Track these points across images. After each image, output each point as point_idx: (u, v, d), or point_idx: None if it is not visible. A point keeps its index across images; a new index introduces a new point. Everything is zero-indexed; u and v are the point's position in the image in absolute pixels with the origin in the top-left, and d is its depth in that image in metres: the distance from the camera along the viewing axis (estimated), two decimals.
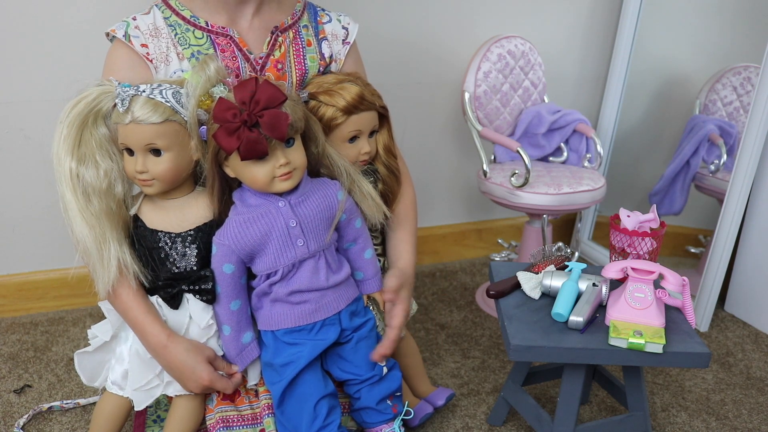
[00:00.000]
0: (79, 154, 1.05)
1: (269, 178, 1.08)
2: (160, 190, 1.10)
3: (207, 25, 1.21)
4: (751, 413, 1.49)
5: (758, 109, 1.68)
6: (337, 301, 1.17)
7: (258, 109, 1.02)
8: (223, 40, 1.22)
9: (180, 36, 1.19)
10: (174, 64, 1.18)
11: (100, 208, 1.06)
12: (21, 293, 1.83)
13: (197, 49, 1.20)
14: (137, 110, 1.04)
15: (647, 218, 1.25)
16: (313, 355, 1.15)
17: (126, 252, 1.09)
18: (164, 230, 1.12)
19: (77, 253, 1.11)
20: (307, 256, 1.13)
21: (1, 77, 1.65)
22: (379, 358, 1.21)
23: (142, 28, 1.18)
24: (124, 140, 1.07)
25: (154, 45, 1.17)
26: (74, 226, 1.06)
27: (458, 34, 2.00)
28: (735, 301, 1.90)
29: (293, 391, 1.14)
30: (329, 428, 1.14)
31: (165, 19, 1.19)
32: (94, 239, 1.05)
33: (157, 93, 1.06)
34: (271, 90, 1.02)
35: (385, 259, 1.37)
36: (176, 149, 1.08)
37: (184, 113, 1.08)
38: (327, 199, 1.16)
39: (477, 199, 2.23)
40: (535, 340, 1.12)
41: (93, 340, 1.16)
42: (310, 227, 1.13)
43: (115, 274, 1.08)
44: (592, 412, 1.47)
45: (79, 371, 1.16)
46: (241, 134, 1.01)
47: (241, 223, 1.10)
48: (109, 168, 1.08)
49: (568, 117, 1.93)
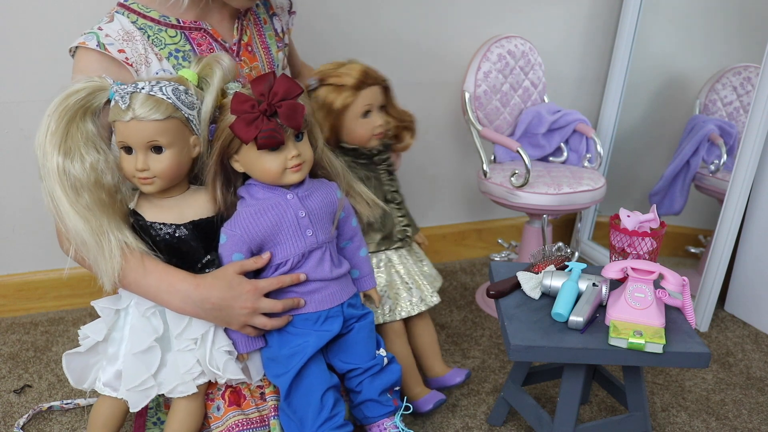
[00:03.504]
0: (65, 148, 1.02)
1: (281, 169, 1.11)
2: (159, 188, 1.10)
3: (179, 22, 1.21)
4: (751, 413, 1.49)
5: (758, 109, 1.68)
6: (340, 292, 1.20)
7: (277, 100, 1.06)
8: (198, 34, 1.23)
9: (153, 37, 1.19)
10: (154, 65, 1.18)
11: (91, 200, 1.04)
12: (21, 293, 1.83)
13: (173, 47, 1.20)
14: (138, 107, 1.03)
15: (647, 218, 1.25)
16: (318, 345, 1.16)
17: (128, 235, 1.07)
18: (164, 222, 1.11)
19: (70, 248, 1.09)
20: (316, 246, 1.16)
21: (1, 77, 1.66)
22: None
23: (112, 35, 1.16)
24: (124, 138, 1.06)
25: (130, 49, 1.16)
26: (67, 221, 1.03)
27: (458, 34, 2.00)
28: (735, 301, 1.90)
29: (300, 383, 1.15)
30: (335, 419, 1.15)
31: (132, 23, 1.18)
32: (91, 232, 1.03)
33: (157, 90, 1.05)
34: (288, 82, 1.07)
35: (412, 227, 1.49)
36: (177, 146, 1.08)
37: (185, 110, 1.08)
38: (329, 196, 1.20)
39: (477, 199, 2.23)
40: (535, 340, 1.12)
41: (84, 341, 1.14)
42: (317, 219, 1.17)
43: (119, 262, 1.06)
44: (592, 412, 1.47)
45: (67, 372, 1.14)
46: (260, 124, 1.05)
47: (251, 213, 1.13)
48: (95, 160, 1.05)
49: (568, 117, 1.93)
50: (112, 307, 1.14)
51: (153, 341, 1.10)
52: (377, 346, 1.25)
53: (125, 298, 1.15)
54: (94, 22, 1.17)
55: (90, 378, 1.16)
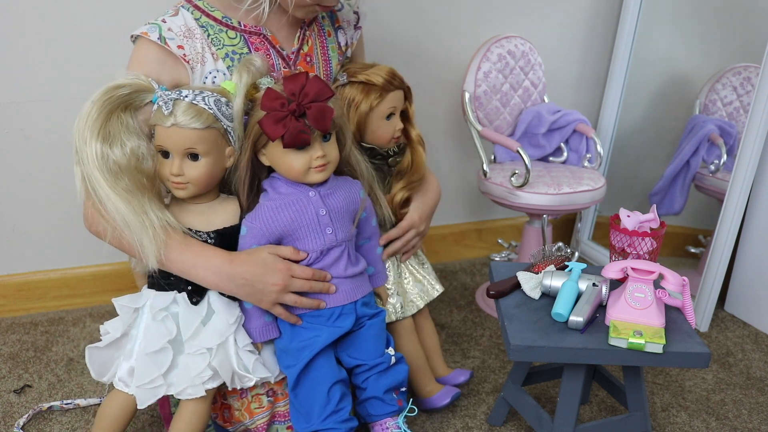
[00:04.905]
0: (104, 133, 1.04)
1: (305, 168, 1.13)
2: (192, 194, 1.13)
3: (240, 25, 1.23)
4: (751, 413, 1.49)
5: (758, 109, 1.67)
6: (354, 290, 1.21)
7: (307, 101, 1.07)
8: (257, 39, 1.24)
9: (213, 37, 1.21)
10: (209, 64, 1.20)
11: (131, 183, 1.05)
12: (21, 293, 1.83)
13: (231, 49, 1.22)
14: (180, 115, 1.06)
15: (647, 218, 1.25)
16: (329, 340, 1.17)
17: (169, 216, 1.09)
18: (190, 228, 1.14)
19: (107, 231, 1.09)
20: (335, 244, 1.18)
21: (2, 77, 1.66)
22: (384, 241, 1.33)
23: (174, 29, 1.18)
24: (163, 142, 1.09)
25: (189, 46, 1.18)
26: (108, 204, 1.04)
27: (458, 34, 2.00)
28: (735, 301, 1.90)
29: (307, 375, 1.17)
30: (341, 413, 1.17)
31: (196, 20, 1.20)
32: (134, 212, 1.05)
33: (200, 99, 1.08)
34: (320, 85, 1.09)
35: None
36: (213, 155, 1.11)
37: (225, 121, 1.11)
38: (351, 195, 1.21)
39: (477, 199, 2.23)
40: (535, 340, 1.12)
41: (105, 336, 1.17)
42: (338, 217, 1.18)
43: (163, 239, 1.07)
44: (592, 412, 1.47)
45: (89, 365, 1.16)
46: (287, 123, 1.07)
47: (273, 208, 1.14)
48: (135, 146, 1.06)
49: (568, 117, 1.93)
50: (130, 306, 1.15)
51: (165, 343, 1.12)
52: (387, 344, 1.26)
53: (143, 296, 1.17)
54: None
55: (110, 372, 1.18)
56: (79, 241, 1.78)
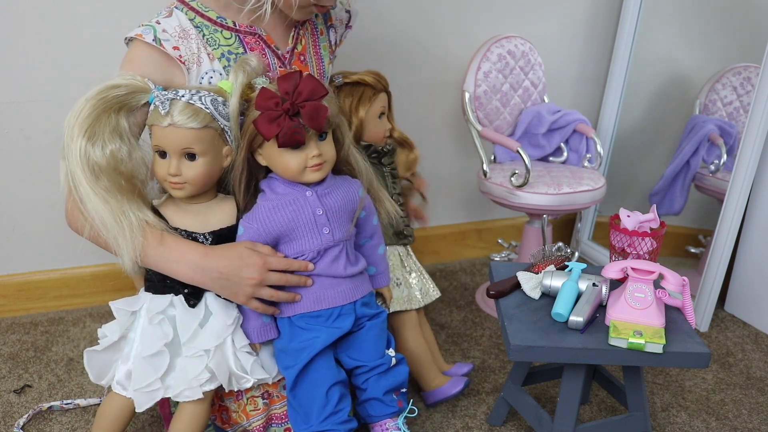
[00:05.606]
0: (90, 132, 1.04)
1: (301, 168, 1.12)
2: (189, 194, 1.12)
3: (234, 26, 1.22)
4: (751, 413, 1.49)
5: (758, 109, 1.68)
6: (353, 290, 1.20)
7: (300, 100, 1.07)
8: (252, 38, 1.24)
9: (208, 37, 1.20)
10: (205, 65, 1.19)
11: (110, 183, 1.05)
12: (21, 293, 1.83)
13: (227, 49, 1.21)
14: (177, 114, 1.06)
15: (647, 218, 1.25)
16: (328, 341, 1.17)
17: (149, 214, 1.09)
18: (186, 229, 1.13)
19: (85, 227, 1.09)
20: (332, 244, 1.17)
21: (2, 77, 1.66)
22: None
23: (169, 31, 1.17)
24: (160, 142, 1.08)
25: (185, 47, 1.17)
26: (87, 203, 1.05)
27: (458, 34, 2.00)
28: (735, 301, 1.90)
29: (306, 376, 1.16)
30: (340, 415, 1.17)
31: (190, 21, 1.19)
32: (111, 212, 1.05)
33: (197, 99, 1.08)
34: (313, 83, 1.08)
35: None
36: (210, 155, 1.11)
37: (222, 121, 1.10)
38: (350, 194, 1.20)
39: (477, 199, 2.23)
40: (535, 340, 1.12)
41: (102, 340, 1.17)
42: (335, 217, 1.17)
43: (140, 240, 1.07)
44: (592, 412, 1.47)
45: (88, 368, 1.16)
46: (282, 122, 1.06)
47: (270, 208, 1.14)
48: (116, 148, 1.06)
49: (568, 117, 1.93)
50: (127, 309, 1.15)
51: (162, 346, 1.11)
52: (387, 345, 1.25)
53: (140, 300, 1.16)
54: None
55: (109, 375, 1.18)
56: (79, 241, 1.75)
